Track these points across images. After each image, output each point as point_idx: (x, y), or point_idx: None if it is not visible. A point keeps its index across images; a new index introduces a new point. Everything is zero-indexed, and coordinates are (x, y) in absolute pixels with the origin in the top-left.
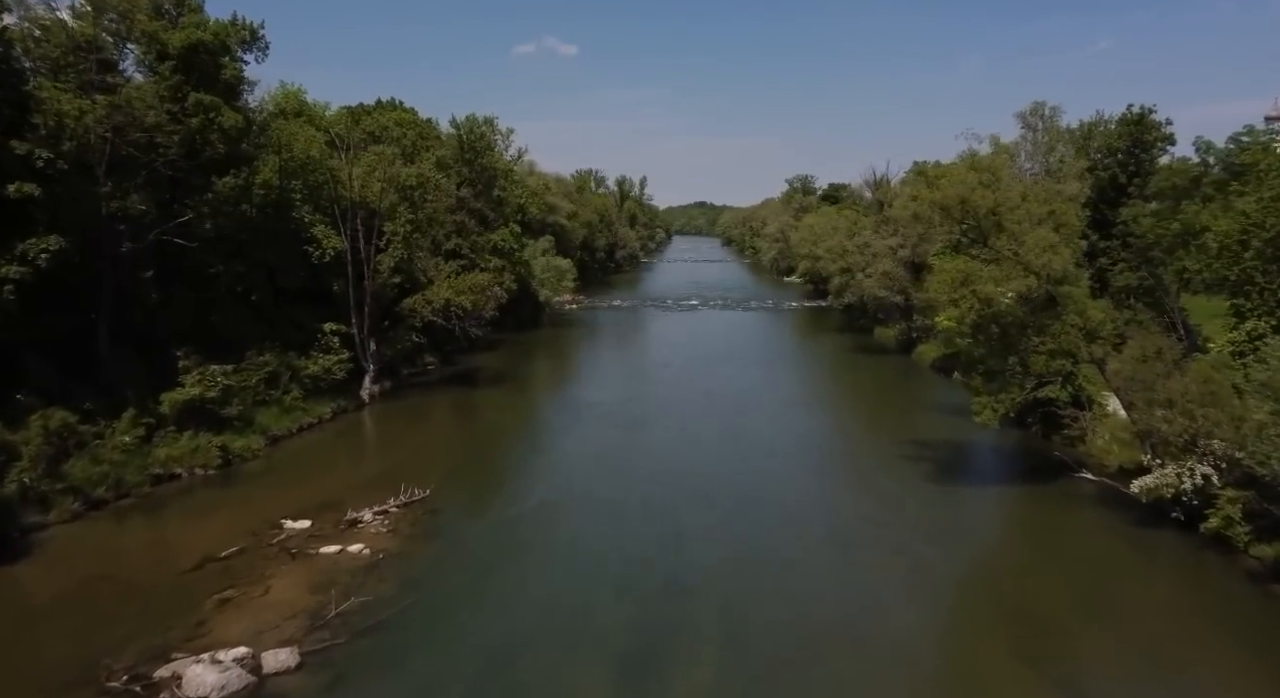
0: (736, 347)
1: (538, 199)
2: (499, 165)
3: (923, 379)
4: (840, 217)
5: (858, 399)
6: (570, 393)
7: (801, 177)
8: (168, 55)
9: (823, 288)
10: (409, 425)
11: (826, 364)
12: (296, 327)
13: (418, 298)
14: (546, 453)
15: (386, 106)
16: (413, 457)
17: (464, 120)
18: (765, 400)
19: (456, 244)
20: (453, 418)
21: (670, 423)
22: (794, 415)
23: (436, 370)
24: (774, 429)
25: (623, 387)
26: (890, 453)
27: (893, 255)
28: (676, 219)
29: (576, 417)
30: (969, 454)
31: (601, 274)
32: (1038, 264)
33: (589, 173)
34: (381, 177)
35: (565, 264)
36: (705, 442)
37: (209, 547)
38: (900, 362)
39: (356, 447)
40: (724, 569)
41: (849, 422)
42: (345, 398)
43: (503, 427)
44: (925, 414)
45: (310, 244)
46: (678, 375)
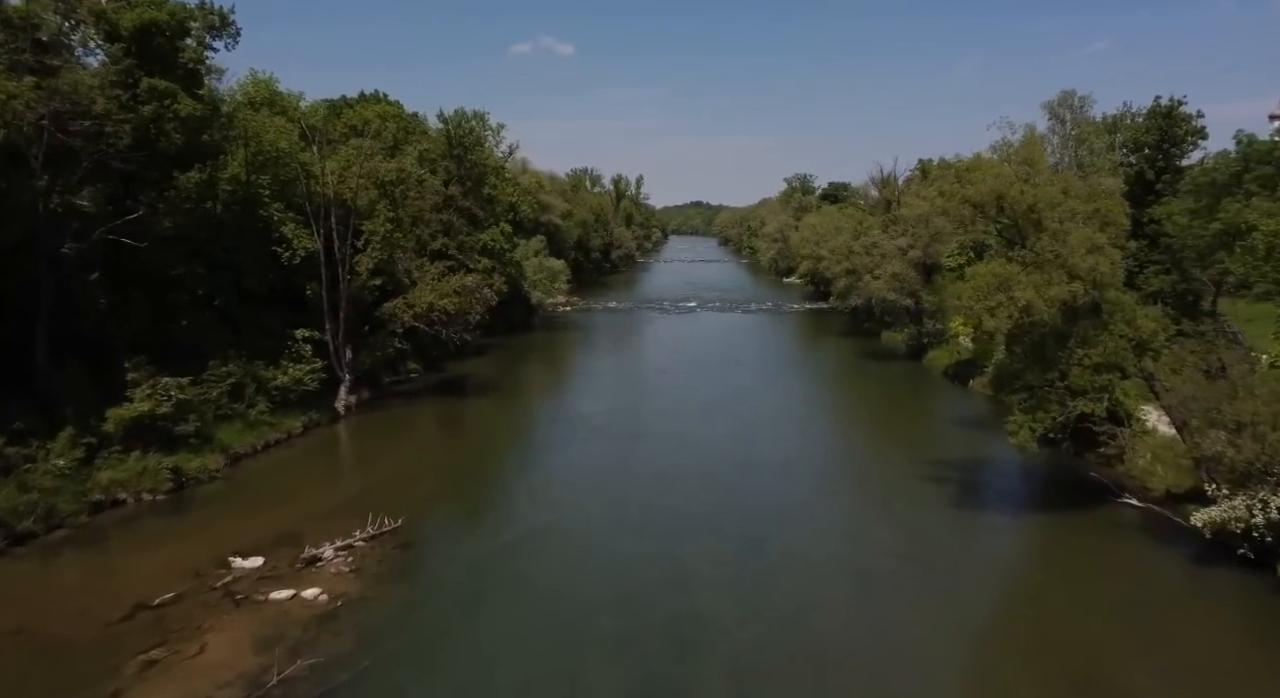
0: (737, 351)
1: (530, 198)
2: (489, 162)
3: (935, 388)
4: (843, 216)
5: (868, 410)
6: (563, 402)
7: (800, 176)
8: (118, 36)
9: (824, 289)
10: (386, 441)
11: (833, 371)
12: (265, 333)
13: (398, 302)
14: (536, 472)
15: (369, 99)
16: (388, 478)
17: (452, 115)
18: (771, 411)
19: (443, 244)
20: (435, 432)
21: (670, 436)
22: (802, 428)
23: (420, 378)
24: (781, 444)
25: (619, 395)
26: (908, 473)
27: (902, 256)
28: (673, 219)
29: (569, 429)
30: (994, 474)
31: (597, 275)
32: (1083, 267)
33: (584, 171)
34: (359, 171)
35: (558, 265)
36: (708, 458)
37: (144, 591)
38: (910, 368)
39: (326, 466)
40: (734, 616)
41: (861, 436)
42: (318, 410)
43: (489, 442)
44: (941, 427)
45: (280, 244)
46: (677, 383)
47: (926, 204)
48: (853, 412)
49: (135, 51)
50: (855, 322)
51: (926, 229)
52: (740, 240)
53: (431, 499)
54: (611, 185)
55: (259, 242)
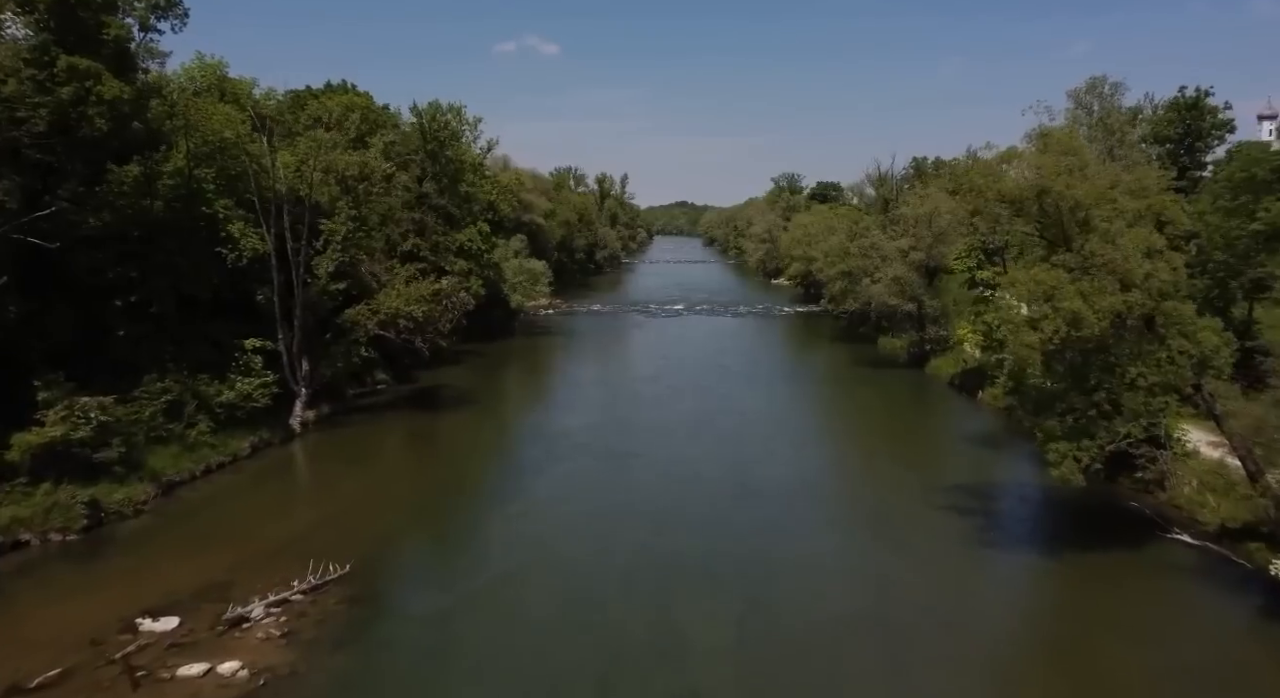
0: (728, 359)
1: (509, 195)
2: (466, 158)
3: (941, 400)
4: (836, 216)
5: (872, 425)
6: (543, 417)
7: (788, 175)
8: (33, 8)
9: (816, 292)
10: (345, 463)
11: (830, 380)
12: (210, 344)
13: (361, 308)
14: (511, 502)
15: (336, 90)
16: (343, 509)
17: (426, 107)
18: (766, 427)
19: (415, 245)
20: (401, 452)
21: (659, 458)
22: (801, 447)
23: (389, 390)
24: (781, 467)
25: (604, 408)
26: (923, 501)
27: (903, 258)
28: (658, 219)
29: (549, 450)
30: (1017, 501)
31: (581, 276)
32: (1138, 274)
33: (568, 170)
34: (316, 165)
35: (539, 266)
36: (701, 484)
37: (24, 665)
38: (912, 378)
39: (274, 494)
40: (738, 691)
41: (866, 456)
42: (270, 429)
43: (461, 463)
44: (953, 445)
45: (226, 245)
46: (665, 395)
47: (952, 202)
48: (855, 427)
49: (54, 26)
50: (849, 326)
51: (929, 230)
52: (727, 241)
53: (390, 537)
54: (596, 185)
55: (204, 242)
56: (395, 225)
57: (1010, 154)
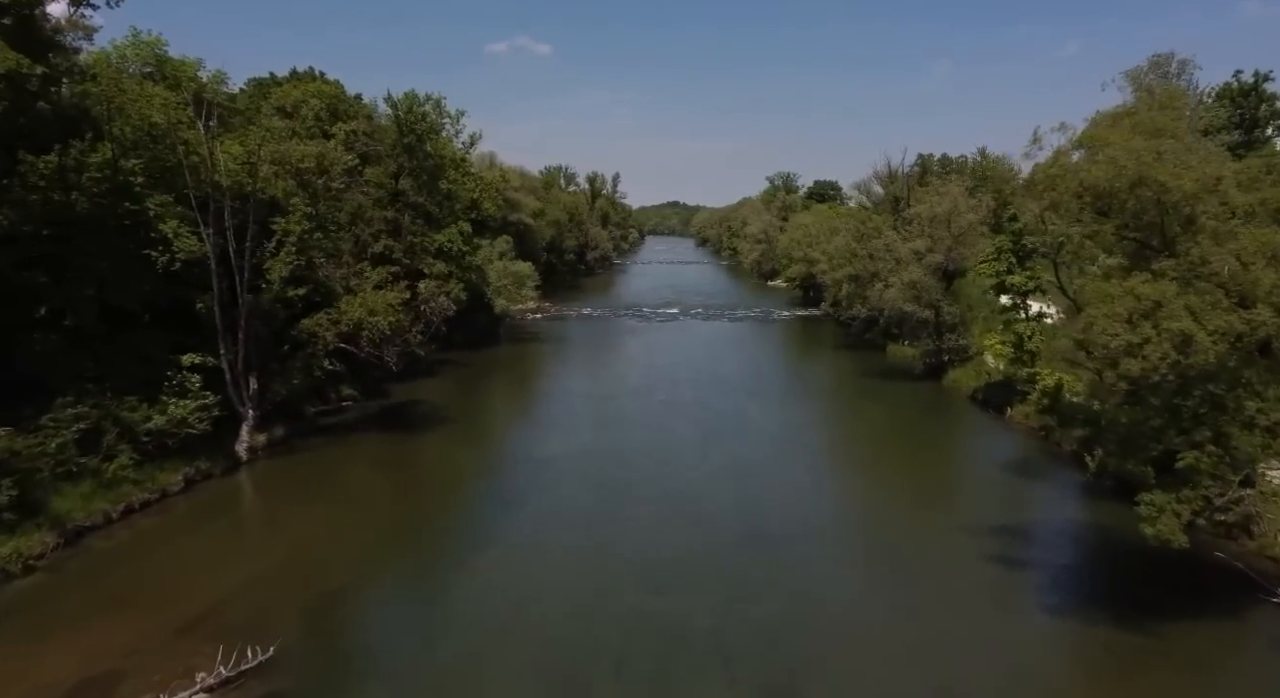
0: (727, 368)
1: (494, 193)
2: (447, 153)
3: (964, 417)
4: (839, 215)
5: (892, 449)
6: (528, 438)
7: (783, 174)
8: None
9: (815, 295)
10: (295, 498)
11: (840, 394)
12: (142, 361)
13: (320, 317)
14: (485, 549)
15: (302, 77)
16: (283, 559)
17: (402, 98)
18: (775, 451)
19: (386, 247)
20: (362, 483)
21: (656, 491)
22: (816, 477)
23: (356, 407)
24: (795, 503)
25: (594, 428)
26: (963, 547)
27: (918, 261)
28: (650, 219)
29: (533, 479)
30: (1075, 546)
31: (571, 277)
32: (1262, 286)
33: (558, 169)
34: (266, 156)
35: (525, 269)
36: (704, 525)
37: None
38: (929, 392)
39: (202, 542)
40: None
41: (890, 488)
42: (210, 457)
43: (430, 497)
44: (985, 473)
45: (156, 246)
46: (661, 411)
47: (973, 199)
48: (873, 451)
49: None
50: (854, 332)
51: (948, 230)
52: (720, 241)
53: (336, 599)
54: (587, 184)
55: (133, 243)
56: (365, 225)
57: (1096, 135)
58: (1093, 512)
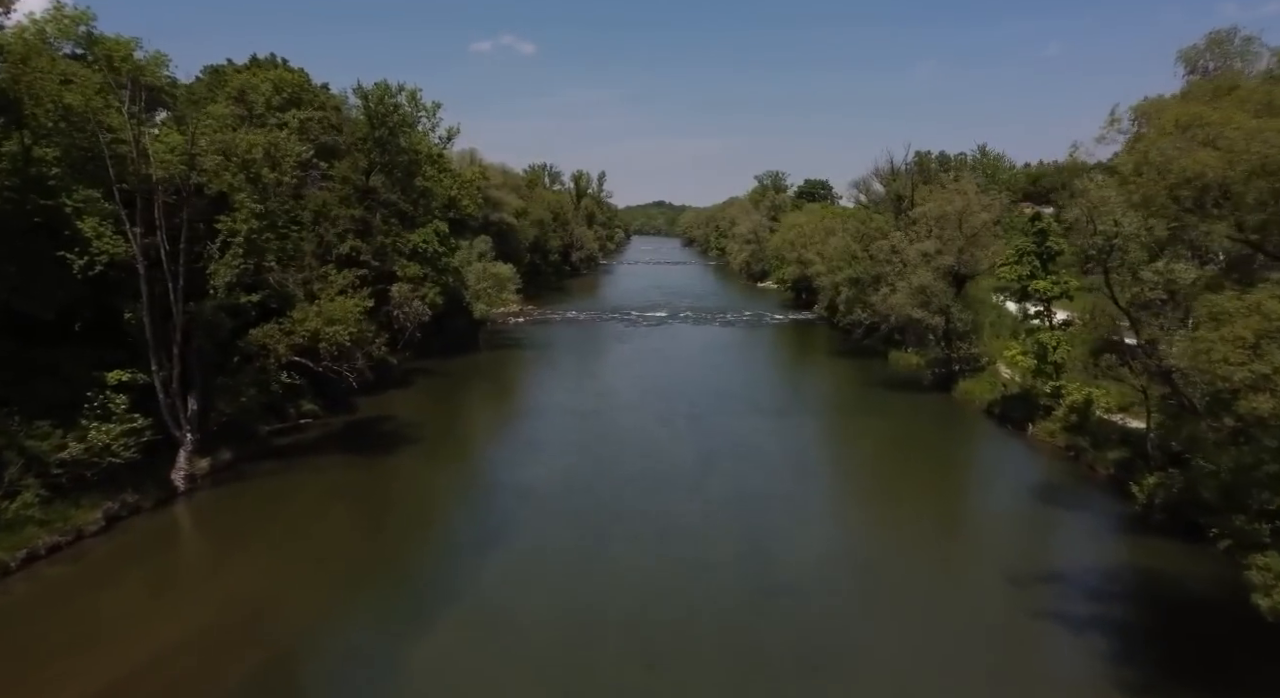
0: (721, 378)
1: (472, 191)
2: (422, 148)
3: (981, 433)
4: (832, 214)
5: (909, 473)
6: (505, 462)
7: (772, 173)
8: None
9: (808, 297)
10: (235, 538)
11: (846, 408)
12: (59, 380)
13: (271, 328)
14: (447, 606)
15: (263, 64)
16: (214, 622)
17: (373, 88)
18: (781, 478)
19: (353, 248)
20: (313, 518)
21: (649, 528)
22: (829, 507)
23: (318, 425)
24: (809, 543)
25: (579, 449)
26: (1013, 600)
27: (926, 263)
28: (635, 219)
29: (509, 514)
30: (1142, 602)
31: (556, 279)
32: None
33: (542, 167)
34: (209, 146)
35: (506, 271)
36: (708, 573)
37: None
38: (940, 404)
39: (120, 596)
40: None
41: (914, 521)
42: (139, 490)
43: (389, 536)
44: (1017, 502)
45: (72, 248)
46: (652, 429)
47: (986, 198)
48: (888, 477)
49: None
50: (852, 337)
51: (960, 230)
52: (707, 241)
53: (269, 675)
54: (572, 182)
55: (46, 244)
56: (330, 224)
57: (1198, 114)
58: (1150, 553)
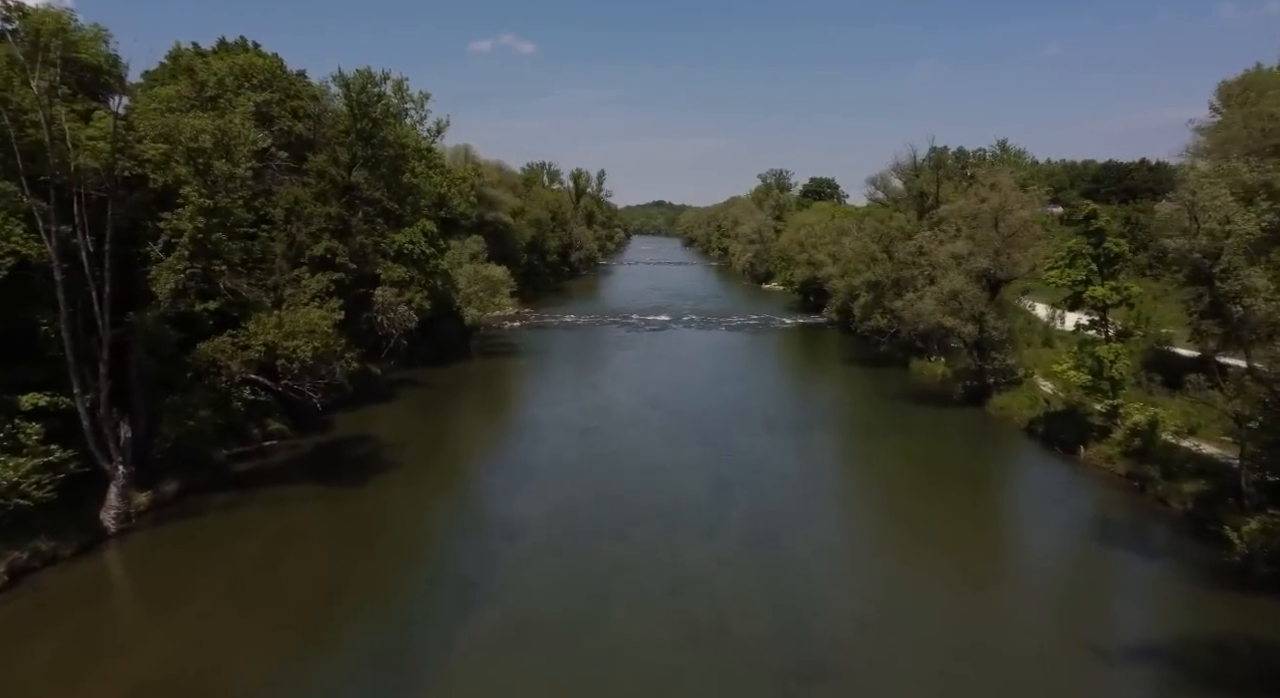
0: (731, 390)
1: (464, 188)
2: (409, 142)
3: (1026, 457)
4: (843, 213)
5: (953, 505)
6: (492, 494)
7: (776, 172)
8: None
9: (817, 300)
10: (173, 593)
11: (871, 425)
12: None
13: (223, 342)
14: (415, 693)
15: (232, 49)
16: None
17: (355, 76)
18: (808, 512)
19: (328, 249)
20: (270, 565)
21: (658, 583)
22: (870, 554)
23: (286, 446)
24: (847, 598)
25: (576, 477)
26: (1111, 683)
27: (957, 266)
28: (635, 218)
29: (495, 562)
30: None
31: (554, 280)
32: None
33: (541, 166)
34: (148, 130)
35: (499, 273)
36: (728, 646)
37: None
38: (974, 421)
39: (17, 672)
40: None
41: (969, 571)
42: (57, 534)
43: (355, 590)
44: (1086, 545)
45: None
46: (659, 451)
47: (1025, 194)
48: (931, 512)
49: None
50: (868, 344)
51: (996, 230)
52: (708, 241)
53: None
54: (571, 181)
55: None
56: (303, 223)
57: None
58: (1265, 619)
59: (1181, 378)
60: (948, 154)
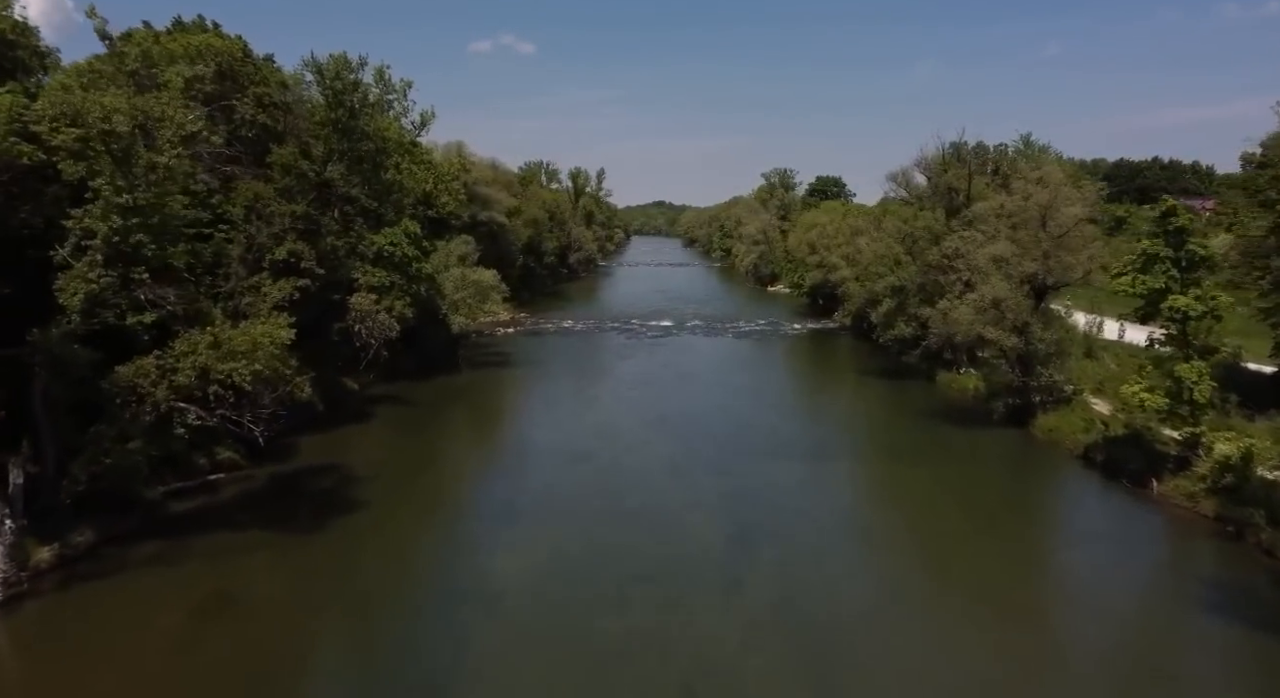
0: (744, 407)
1: (453, 185)
2: (391, 135)
3: (1086, 491)
4: (858, 213)
5: (1012, 556)
6: (472, 543)
7: (780, 171)
8: None
9: (827, 304)
10: (64, 687)
11: (902, 450)
12: None
13: (145, 364)
14: None
15: (187, 29)
16: None
17: (328, 61)
18: (847, 568)
19: (292, 252)
20: (184, 648)
21: (674, 684)
22: (924, 628)
23: (238, 479)
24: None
25: (570, 522)
26: None
27: (999, 271)
28: (635, 219)
29: (472, 642)
30: None
31: (552, 282)
32: None
33: (539, 165)
34: (47, 110)
35: (488, 277)
36: None
37: None
38: (1018, 445)
39: None
40: None
41: (1054, 656)
42: None
43: (282, 680)
44: (1196, 616)
45: None
46: (665, 487)
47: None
48: (985, 564)
49: None
50: (886, 353)
51: (1045, 230)
52: (710, 241)
53: None
54: (570, 180)
55: None
56: (265, 223)
57: None
58: None
59: (1256, 398)
60: (968, 148)
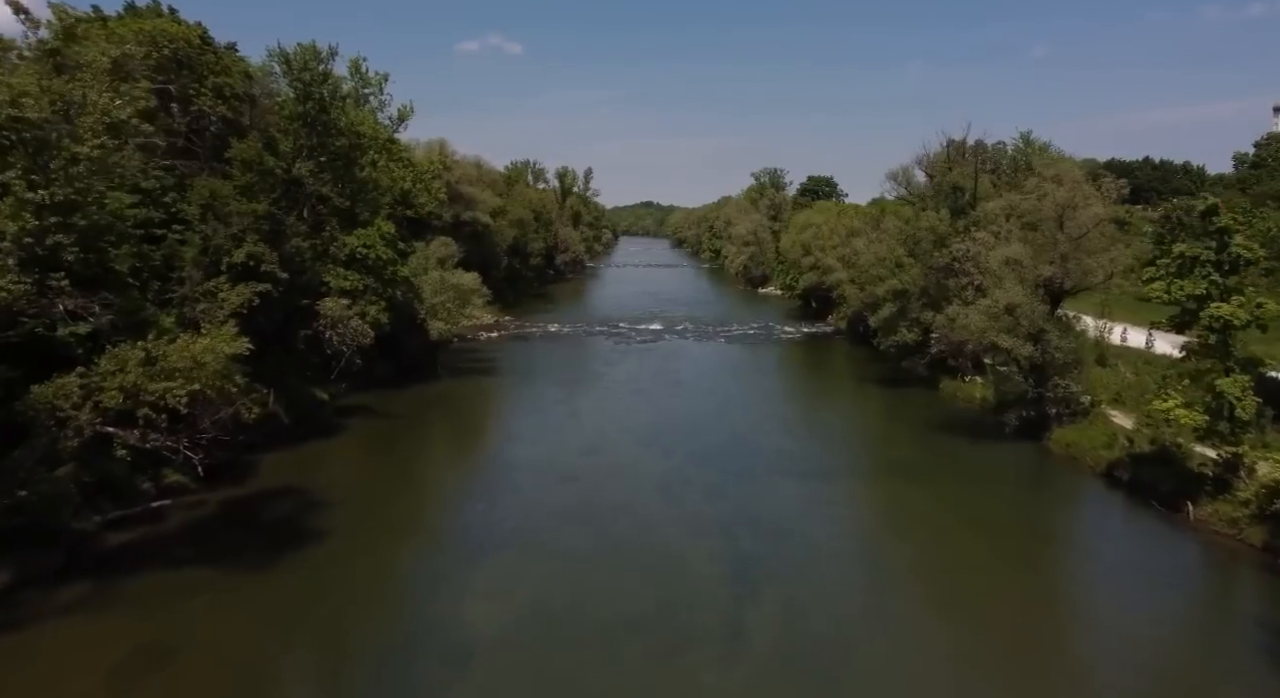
0: (741, 420)
1: (432, 183)
2: (366, 130)
3: (1114, 515)
4: (854, 213)
5: (1043, 594)
6: (439, 592)
7: (770, 170)
8: None
9: (820, 306)
10: None
11: (909, 467)
12: None
13: (67, 383)
14: None
15: (142, 13)
16: None
17: (296, 51)
18: (863, 611)
19: (251, 255)
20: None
21: None
22: (954, 686)
23: (185, 504)
24: None
25: (551, 560)
26: None
27: (1011, 274)
28: (623, 219)
29: (440, 694)
30: None
31: (538, 284)
32: None
33: (525, 164)
34: None
35: (470, 280)
36: None
37: None
38: (1034, 461)
39: None
40: None
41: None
42: None
43: None
44: (1256, 670)
45: None
46: (657, 515)
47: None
48: (1005, 601)
49: None
50: (885, 358)
51: (1063, 231)
52: (699, 242)
53: None
54: (557, 180)
55: None
56: (222, 223)
57: None
58: None
59: None
60: (969, 146)
